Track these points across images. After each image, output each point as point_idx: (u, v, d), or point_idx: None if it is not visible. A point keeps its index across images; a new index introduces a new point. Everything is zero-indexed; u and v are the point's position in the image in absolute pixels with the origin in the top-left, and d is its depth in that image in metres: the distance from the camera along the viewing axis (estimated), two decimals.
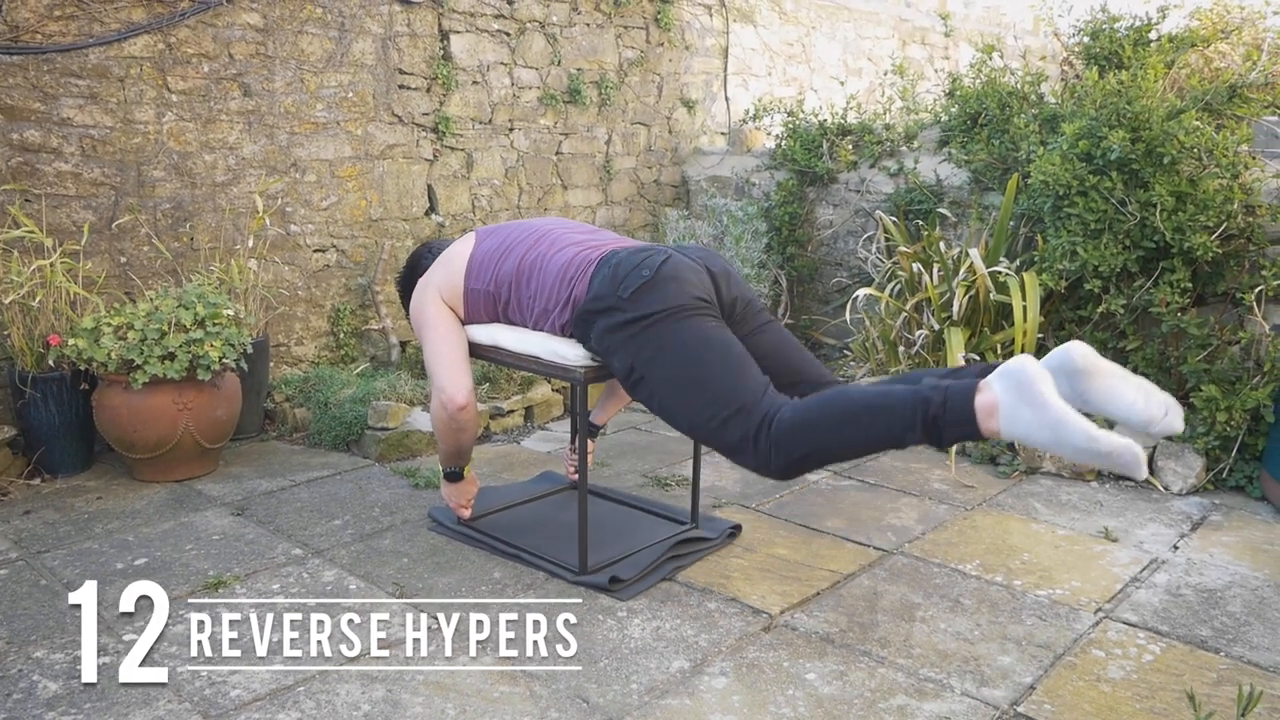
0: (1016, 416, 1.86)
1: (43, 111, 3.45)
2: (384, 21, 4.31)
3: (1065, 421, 1.81)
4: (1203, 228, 3.29)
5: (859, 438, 2.07)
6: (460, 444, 2.69)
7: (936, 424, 1.95)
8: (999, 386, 1.90)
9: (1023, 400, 1.86)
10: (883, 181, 4.77)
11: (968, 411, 1.92)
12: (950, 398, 1.94)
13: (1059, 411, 1.82)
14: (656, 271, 2.30)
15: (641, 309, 2.28)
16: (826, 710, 1.98)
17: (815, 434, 2.09)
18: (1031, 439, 1.86)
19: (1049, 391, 1.84)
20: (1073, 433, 1.80)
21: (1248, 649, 2.25)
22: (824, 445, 2.10)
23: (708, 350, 2.24)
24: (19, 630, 2.30)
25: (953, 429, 1.95)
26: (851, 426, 2.07)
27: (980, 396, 1.91)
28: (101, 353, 3.17)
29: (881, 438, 2.05)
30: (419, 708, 1.98)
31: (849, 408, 2.08)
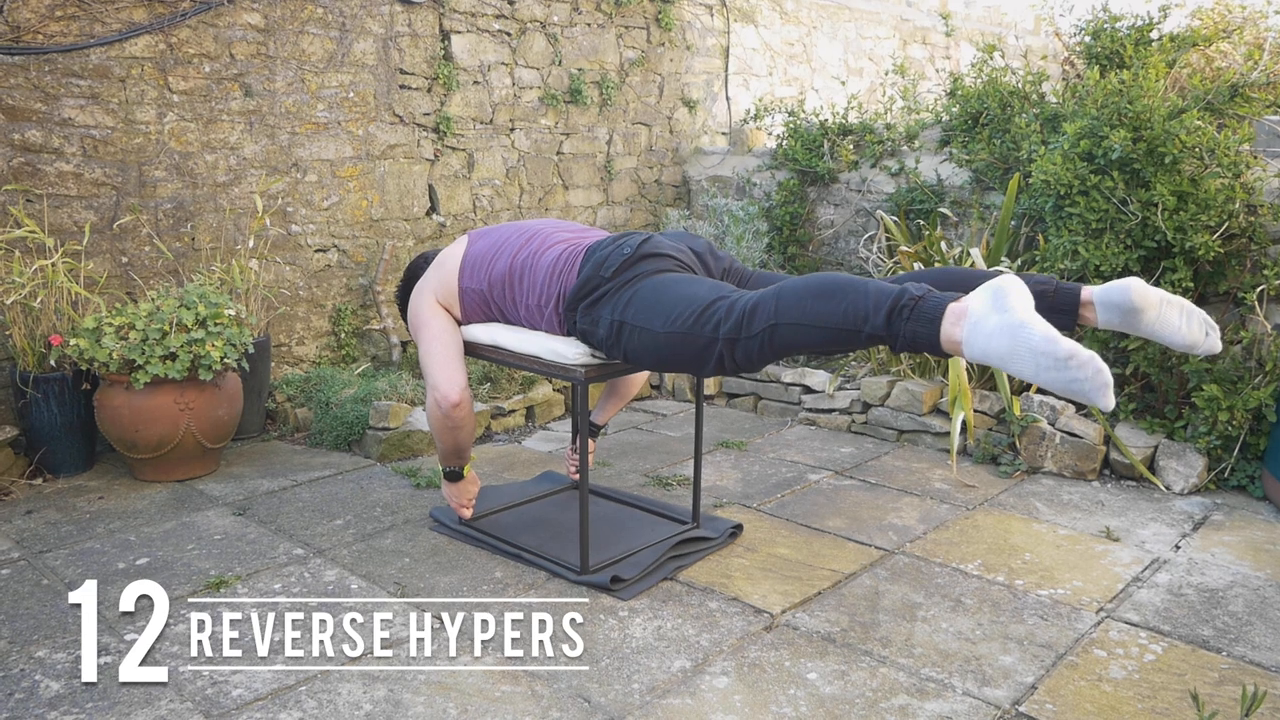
0: (982, 321, 1.80)
1: (44, 112, 3.45)
2: (385, 22, 4.31)
3: (1027, 324, 1.75)
4: (1204, 227, 3.29)
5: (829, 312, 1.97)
6: (458, 442, 2.70)
7: (902, 314, 1.88)
8: (976, 296, 1.85)
9: (994, 306, 1.80)
10: (884, 181, 4.77)
11: (938, 311, 1.85)
12: (928, 294, 1.89)
13: (1022, 315, 1.76)
14: (637, 249, 2.38)
15: (621, 281, 2.36)
16: (828, 710, 1.98)
17: (790, 303, 2.02)
18: (990, 348, 1.78)
19: (1018, 300, 1.79)
20: (1032, 334, 1.73)
21: (1250, 649, 2.24)
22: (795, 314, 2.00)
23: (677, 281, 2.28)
24: (21, 630, 2.30)
25: (914, 324, 1.87)
26: (827, 300, 1.99)
27: (955, 304, 1.86)
28: (103, 353, 3.17)
29: (849, 315, 1.95)
30: (420, 707, 1.98)
31: (831, 280, 2.02)
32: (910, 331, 1.88)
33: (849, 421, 4.06)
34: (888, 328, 1.90)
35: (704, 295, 2.19)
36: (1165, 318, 1.95)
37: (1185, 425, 3.41)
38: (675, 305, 2.21)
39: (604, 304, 2.37)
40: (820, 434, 4.04)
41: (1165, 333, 1.96)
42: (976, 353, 1.81)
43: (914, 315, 1.87)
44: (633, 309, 2.31)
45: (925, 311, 1.86)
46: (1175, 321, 1.95)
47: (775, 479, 3.43)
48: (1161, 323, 1.95)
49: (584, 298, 2.41)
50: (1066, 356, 1.71)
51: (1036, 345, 1.73)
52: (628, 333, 2.32)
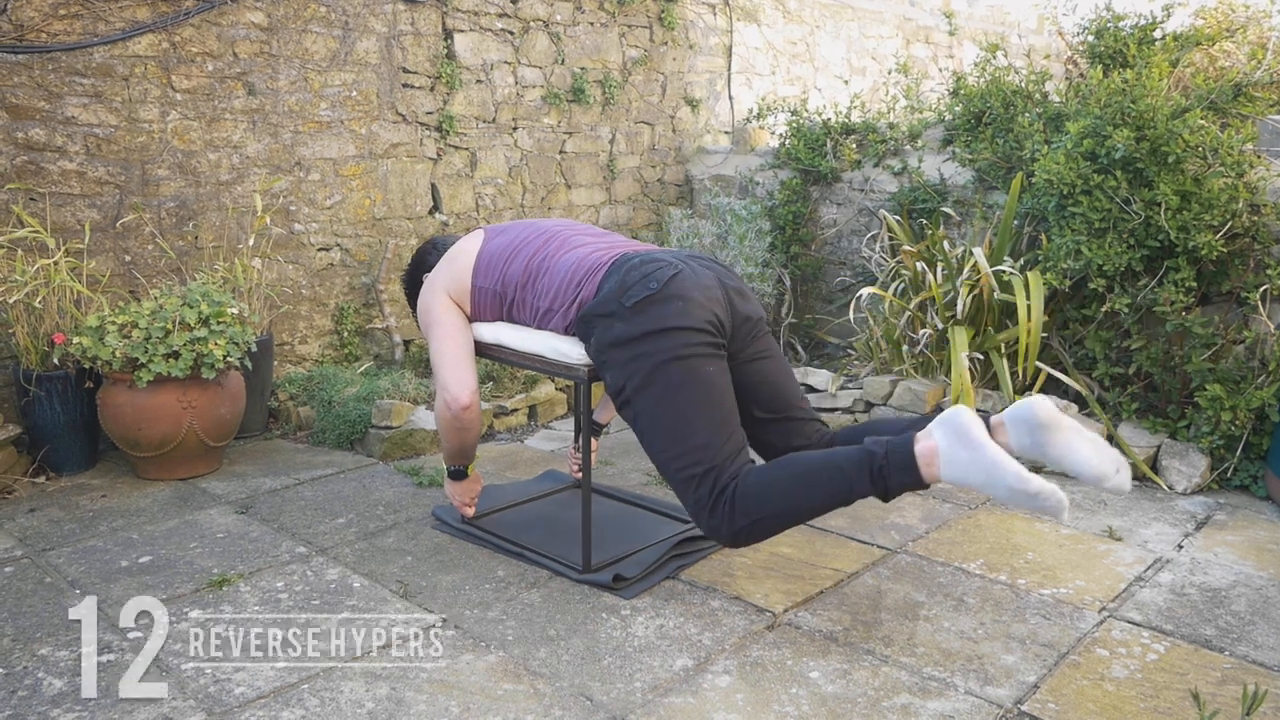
0: (955, 459, 2.00)
1: (47, 110, 3.46)
2: (388, 20, 4.32)
3: (999, 463, 1.95)
4: (1208, 227, 3.28)
5: (813, 497, 2.16)
6: (464, 443, 2.70)
7: (882, 474, 2.07)
8: (938, 434, 2.04)
9: (960, 444, 2.00)
10: (886, 180, 4.77)
11: (909, 459, 2.05)
12: (892, 449, 2.07)
13: (993, 453, 1.96)
14: (663, 286, 2.28)
15: (641, 325, 2.26)
16: (830, 709, 1.98)
17: (771, 498, 2.17)
18: (968, 480, 2.00)
19: (983, 436, 1.99)
20: (1005, 474, 1.94)
21: (1252, 648, 2.24)
22: (778, 508, 2.18)
23: (695, 400, 2.24)
24: (24, 627, 2.30)
25: (897, 476, 2.07)
26: (805, 488, 2.16)
27: (920, 445, 2.04)
28: (106, 351, 3.17)
29: (834, 494, 2.14)
30: (422, 705, 1.98)
31: (803, 470, 2.18)
32: (898, 484, 2.08)
33: (852, 420, 4.06)
34: (875, 488, 2.10)
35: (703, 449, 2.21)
36: (1075, 444, 2.05)
37: (1188, 425, 3.40)
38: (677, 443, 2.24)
39: (616, 354, 2.30)
40: None
41: (1075, 460, 2.04)
42: (955, 481, 2.04)
43: (893, 470, 2.06)
44: (643, 404, 2.28)
45: (899, 463, 2.06)
46: (1085, 451, 2.04)
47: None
48: (1071, 448, 2.05)
49: (600, 318, 2.35)
50: (1035, 493, 1.94)
51: (1011, 484, 1.95)
52: (631, 416, 2.33)
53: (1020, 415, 2.08)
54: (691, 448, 2.22)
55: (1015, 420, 2.10)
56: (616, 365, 2.32)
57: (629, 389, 2.29)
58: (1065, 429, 2.06)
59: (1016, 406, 2.09)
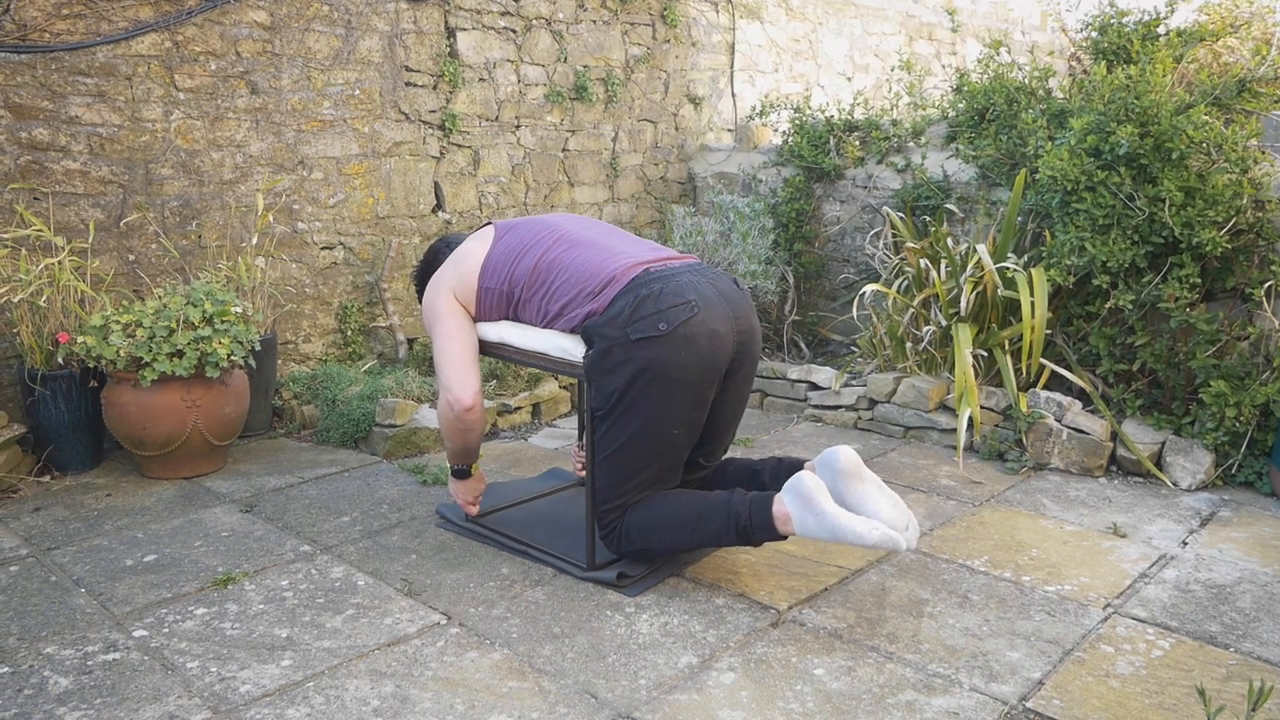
0: (804, 522, 2.24)
1: (51, 110, 3.46)
2: (390, 19, 4.32)
3: (839, 525, 2.19)
4: (1212, 223, 3.28)
5: (687, 537, 2.42)
6: (467, 443, 2.70)
7: (746, 532, 2.35)
8: (788, 500, 2.28)
9: (807, 510, 2.24)
10: (890, 178, 4.77)
11: (768, 522, 2.30)
12: (754, 511, 2.33)
13: (833, 517, 2.20)
14: (673, 330, 2.31)
15: (636, 362, 2.33)
16: (835, 705, 1.98)
17: (652, 535, 2.44)
18: (818, 537, 2.23)
19: (824, 501, 2.23)
20: (845, 533, 2.18)
21: (1257, 645, 2.24)
22: (658, 545, 2.47)
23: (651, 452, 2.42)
24: (30, 626, 2.31)
25: (760, 534, 2.34)
26: (679, 532, 2.41)
27: (775, 509, 2.29)
28: (110, 350, 3.17)
29: (705, 539, 2.41)
30: (427, 703, 1.98)
31: (678, 517, 2.42)
32: (761, 538, 2.37)
33: (855, 418, 4.06)
34: (741, 541, 2.39)
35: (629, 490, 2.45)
36: (872, 497, 2.28)
37: (1193, 421, 3.40)
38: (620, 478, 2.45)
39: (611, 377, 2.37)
40: (826, 430, 4.03)
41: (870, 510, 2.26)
42: (808, 536, 2.26)
43: (755, 529, 2.33)
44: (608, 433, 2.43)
45: (760, 524, 2.32)
46: (882, 504, 2.26)
47: None
48: (867, 499, 2.28)
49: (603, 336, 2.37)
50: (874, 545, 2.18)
51: (850, 540, 2.19)
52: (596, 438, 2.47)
53: (825, 460, 2.34)
54: (620, 482, 2.45)
55: (822, 465, 2.36)
56: (601, 389, 2.41)
57: (601, 413, 2.43)
58: (865, 481, 2.30)
59: (824, 453, 2.35)
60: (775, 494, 2.33)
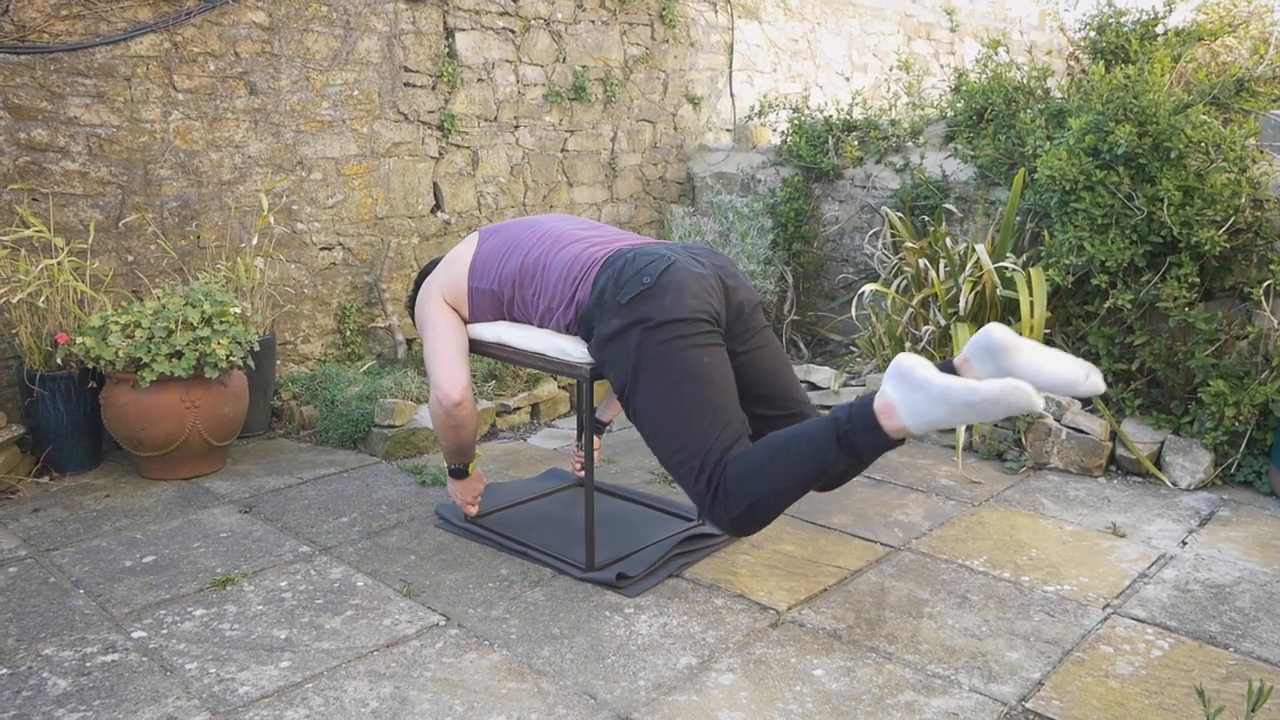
0: (911, 403, 2.00)
1: (50, 111, 3.46)
2: (389, 19, 4.31)
3: (948, 387, 1.95)
4: (1210, 222, 3.28)
5: (793, 473, 2.16)
6: (460, 440, 2.70)
7: (849, 437, 2.09)
8: (889, 387, 2.05)
9: (910, 388, 2.00)
10: (888, 177, 4.77)
11: (871, 418, 2.07)
12: (854, 411, 2.10)
13: (940, 382, 1.96)
14: (656, 280, 2.29)
15: (636, 316, 2.27)
16: (834, 706, 1.98)
17: (755, 480, 2.19)
18: (931, 417, 1.99)
19: (928, 371, 1.99)
20: (957, 393, 1.93)
21: (1257, 644, 2.24)
22: (764, 489, 2.19)
23: (692, 393, 2.26)
24: (28, 627, 2.30)
25: (863, 437, 2.08)
26: (783, 464, 2.17)
27: (878, 402, 2.06)
28: (109, 351, 3.17)
29: (810, 464, 2.15)
30: (427, 704, 1.98)
31: (778, 448, 2.19)
32: (866, 445, 2.09)
33: None
34: (846, 453, 2.11)
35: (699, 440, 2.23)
36: (1038, 360, 2.07)
37: (1192, 421, 3.40)
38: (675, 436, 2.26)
39: (615, 350, 2.31)
40: None
41: (1044, 374, 2.05)
42: (922, 428, 2.02)
43: (858, 433, 2.08)
44: (642, 399, 2.30)
45: (863, 425, 2.08)
46: (1052, 363, 2.06)
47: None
48: (1035, 364, 2.07)
49: (597, 317, 2.37)
50: (996, 397, 1.90)
51: (967, 399, 1.93)
52: (632, 412, 2.35)
53: (979, 344, 2.11)
54: (688, 442, 2.24)
55: (976, 351, 2.13)
56: (616, 363, 2.33)
57: (629, 387, 2.31)
58: (1025, 349, 2.08)
59: (974, 338, 2.12)
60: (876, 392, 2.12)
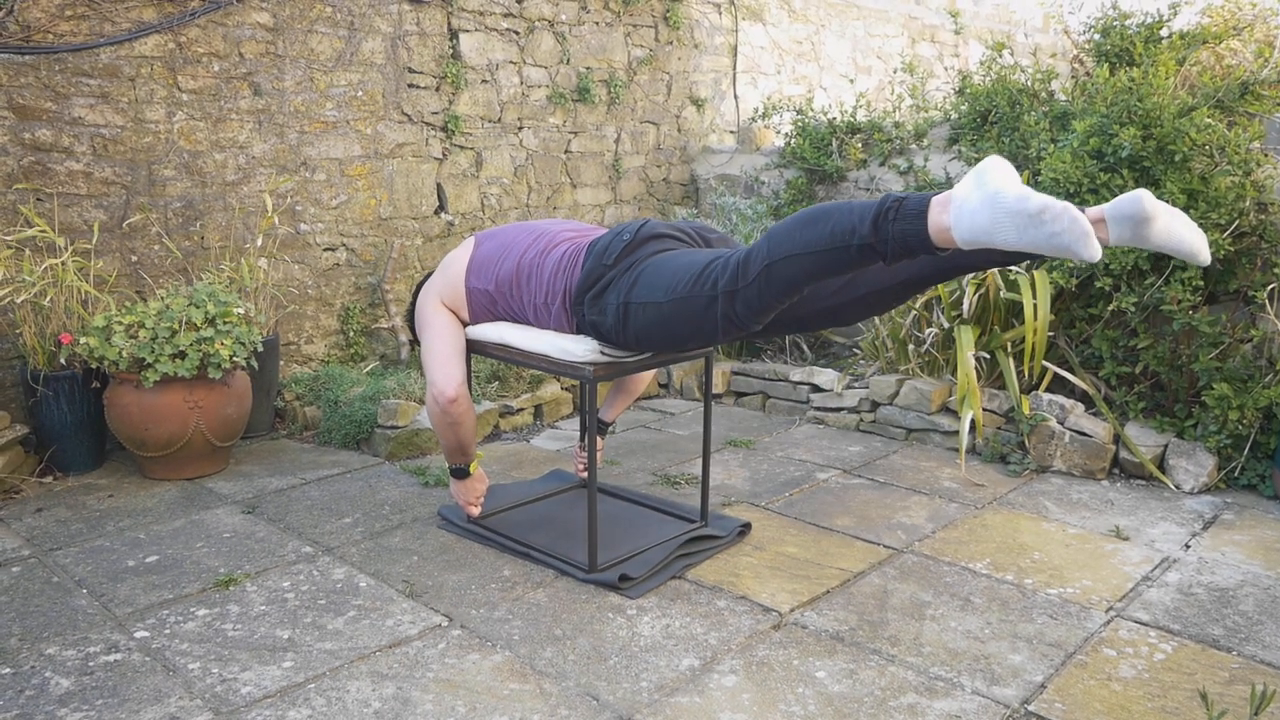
0: (966, 201, 1.80)
1: (54, 111, 3.46)
2: (393, 20, 4.32)
3: (1001, 189, 1.76)
4: (1214, 225, 3.27)
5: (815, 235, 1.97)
6: (459, 439, 2.71)
7: (888, 216, 1.87)
8: (962, 181, 1.85)
9: (976, 184, 1.80)
10: (892, 179, 4.76)
11: (923, 203, 1.85)
12: (910, 197, 1.88)
13: (998, 183, 1.77)
14: (636, 234, 2.42)
15: (624, 266, 2.39)
16: (836, 708, 1.98)
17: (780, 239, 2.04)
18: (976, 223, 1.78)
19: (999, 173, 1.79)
20: (1005, 197, 1.74)
21: (1260, 648, 2.23)
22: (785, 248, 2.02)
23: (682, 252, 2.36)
24: (31, 627, 2.31)
25: (901, 223, 1.85)
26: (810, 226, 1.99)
27: (939, 195, 1.85)
28: (113, 351, 3.18)
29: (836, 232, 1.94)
30: (429, 705, 1.98)
31: (811, 209, 2.03)
32: (899, 231, 1.86)
33: (857, 420, 4.06)
34: (875, 233, 1.88)
35: (702, 259, 2.25)
36: (1173, 227, 1.86)
37: (1195, 424, 3.39)
38: (676, 274, 2.27)
39: (610, 291, 2.40)
40: (828, 432, 4.03)
41: (1174, 241, 1.86)
42: (965, 234, 1.80)
43: (900, 215, 1.86)
44: (637, 288, 2.35)
45: (910, 208, 1.85)
46: (1181, 230, 1.86)
47: (783, 477, 3.42)
48: (1170, 231, 1.86)
49: (589, 288, 2.43)
50: (1039, 210, 1.71)
51: (1010, 206, 1.73)
52: (634, 312, 2.35)
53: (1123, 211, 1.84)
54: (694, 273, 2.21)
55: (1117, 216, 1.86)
56: (608, 304, 2.40)
57: (622, 299, 2.35)
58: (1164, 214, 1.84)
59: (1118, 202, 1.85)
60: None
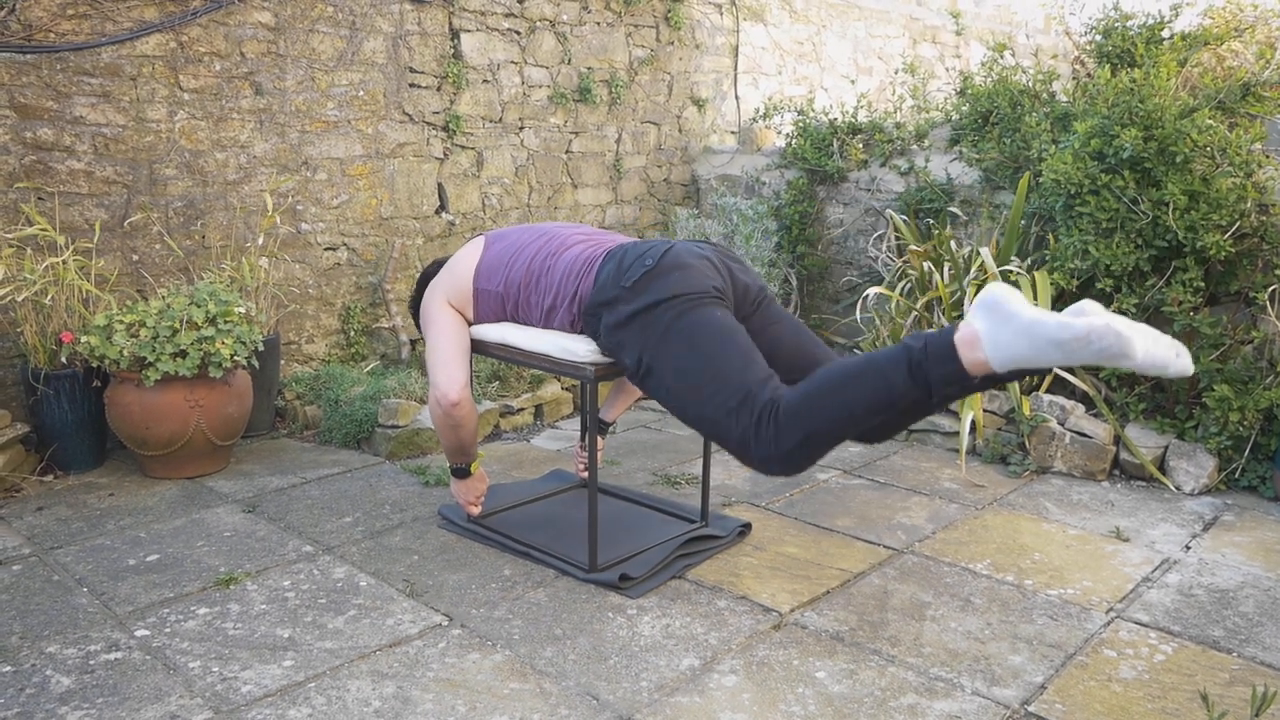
0: (997, 337, 1.84)
1: (56, 110, 3.47)
2: (395, 20, 4.32)
3: (1038, 320, 1.79)
4: (1215, 227, 3.27)
5: (853, 401, 2.02)
6: (460, 440, 2.71)
7: (922, 368, 1.92)
8: (975, 317, 1.89)
9: (998, 319, 1.84)
10: (893, 180, 4.76)
11: (949, 348, 1.89)
12: (930, 340, 1.93)
13: (1030, 314, 1.80)
14: (659, 261, 2.33)
15: (645, 298, 2.30)
16: (836, 708, 1.98)
17: (813, 409, 2.05)
18: (1015, 353, 1.82)
19: (1018, 303, 1.83)
20: (1046, 328, 1.77)
21: (1260, 649, 2.23)
22: (823, 419, 2.05)
23: (713, 338, 2.21)
24: (32, 625, 2.31)
25: (938, 368, 1.90)
26: (844, 391, 2.03)
27: (960, 332, 1.90)
28: (114, 350, 3.18)
29: (874, 396, 2.00)
30: (429, 704, 1.98)
31: (840, 374, 2.06)
32: (939, 378, 1.91)
33: None
34: (916, 385, 1.93)
35: (734, 381, 2.15)
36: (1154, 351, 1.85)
37: (1196, 425, 3.39)
38: (707, 384, 2.18)
39: (627, 331, 2.31)
40: None
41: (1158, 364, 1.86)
42: (1005, 364, 1.84)
43: (932, 362, 1.91)
44: (663, 362, 2.25)
45: (939, 353, 1.90)
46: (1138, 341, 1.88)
47: (784, 478, 3.42)
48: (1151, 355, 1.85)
49: (603, 306, 2.39)
50: (1085, 335, 1.73)
51: (1054, 335, 1.75)
52: (655, 383, 2.30)
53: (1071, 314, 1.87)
54: (721, 384, 2.16)
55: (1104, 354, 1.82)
56: (628, 344, 2.33)
57: (646, 358, 2.28)
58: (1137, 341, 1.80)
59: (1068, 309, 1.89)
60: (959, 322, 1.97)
